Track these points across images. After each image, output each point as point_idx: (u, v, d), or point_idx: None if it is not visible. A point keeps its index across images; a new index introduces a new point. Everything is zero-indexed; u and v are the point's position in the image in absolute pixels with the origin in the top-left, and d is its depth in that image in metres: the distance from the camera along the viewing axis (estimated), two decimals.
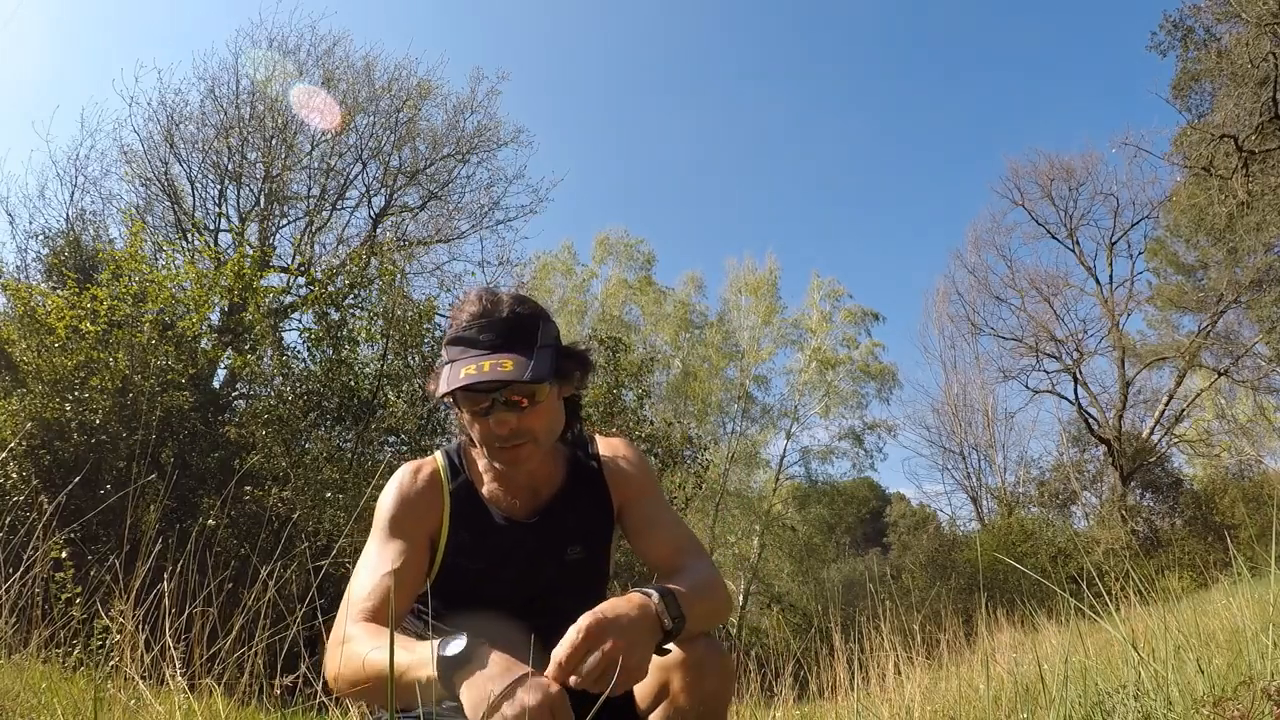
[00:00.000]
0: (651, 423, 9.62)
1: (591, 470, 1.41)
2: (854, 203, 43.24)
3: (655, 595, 1.06)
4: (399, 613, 1.17)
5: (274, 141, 13.22)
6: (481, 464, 1.35)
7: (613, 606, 1.01)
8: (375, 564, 1.22)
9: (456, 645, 0.94)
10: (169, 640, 1.92)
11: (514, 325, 1.23)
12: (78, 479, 4.43)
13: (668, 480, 8.85)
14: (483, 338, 1.21)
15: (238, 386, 10.02)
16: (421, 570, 1.26)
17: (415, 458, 1.46)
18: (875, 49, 41.01)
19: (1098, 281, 21.00)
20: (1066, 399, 20.72)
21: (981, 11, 37.11)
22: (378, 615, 1.14)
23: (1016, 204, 21.75)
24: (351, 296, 9.15)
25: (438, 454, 1.40)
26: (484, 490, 1.35)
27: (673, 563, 1.29)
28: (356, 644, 1.08)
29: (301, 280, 12.43)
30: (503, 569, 1.29)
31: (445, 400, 1.26)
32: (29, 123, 26.42)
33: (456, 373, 1.18)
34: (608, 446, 1.45)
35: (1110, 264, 20.99)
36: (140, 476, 5.70)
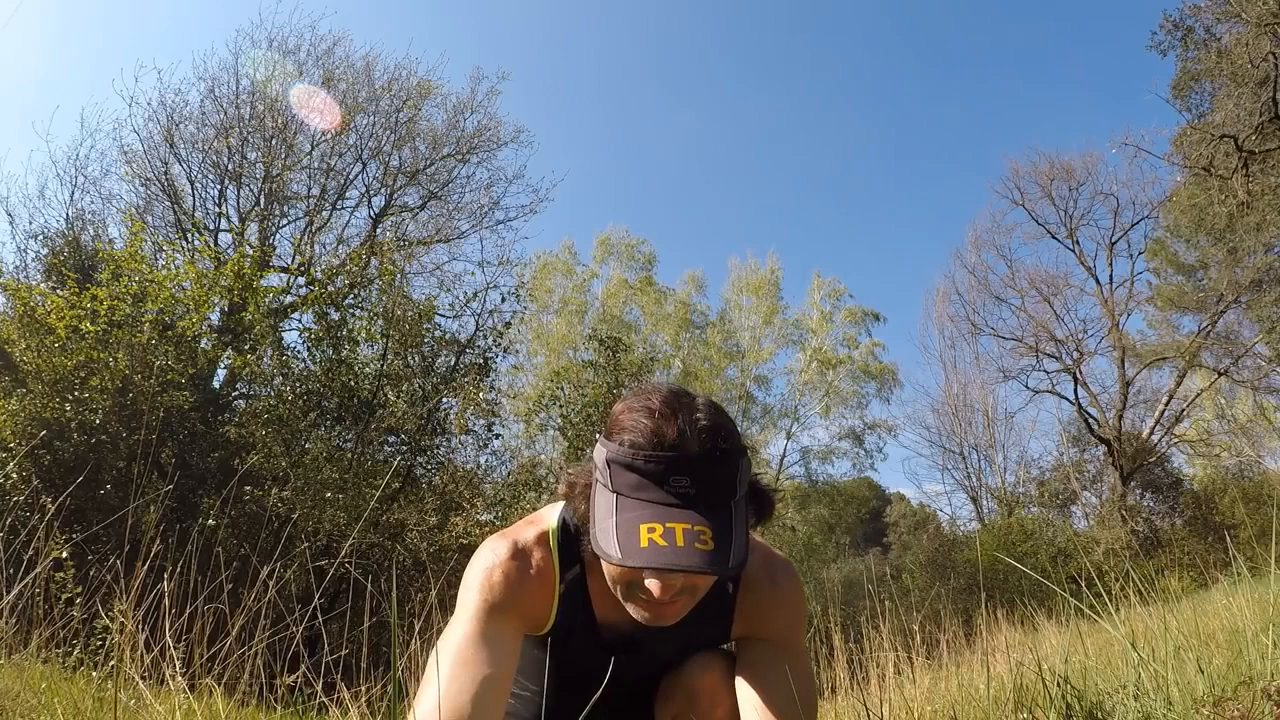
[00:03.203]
0: None
1: (724, 593, 1.17)
2: (855, 203, 43.19)
3: None
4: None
5: (274, 141, 13.21)
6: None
7: None
8: (468, 664, 1.00)
9: None
10: (169, 640, 1.92)
11: (714, 469, 0.94)
12: (79, 479, 4.43)
13: None
14: (674, 483, 0.93)
15: (238, 386, 10.01)
16: (514, 669, 1.06)
17: (415, 458, 1.38)
18: (876, 49, 41.00)
19: (1098, 281, 21.01)
20: (1066, 399, 20.73)
21: (981, 12, 37.10)
22: None
23: (1016, 204, 21.73)
24: (351, 296, 9.15)
25: (552, 525, 1.15)
26: (594, 589, 1.14)
27: None
28: None
29: (301, 280, 12.43)
30: (589, 676, 1.14)
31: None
32: (29, 123, 26.44)
33: (633, 532, 0.90)
34: (760, 571, 1.19)
35: (1110, 264, 21.00)
36: (140, 477, 5.70)
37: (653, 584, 0.94)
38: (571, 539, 1.12)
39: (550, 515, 1.17)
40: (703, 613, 1.12)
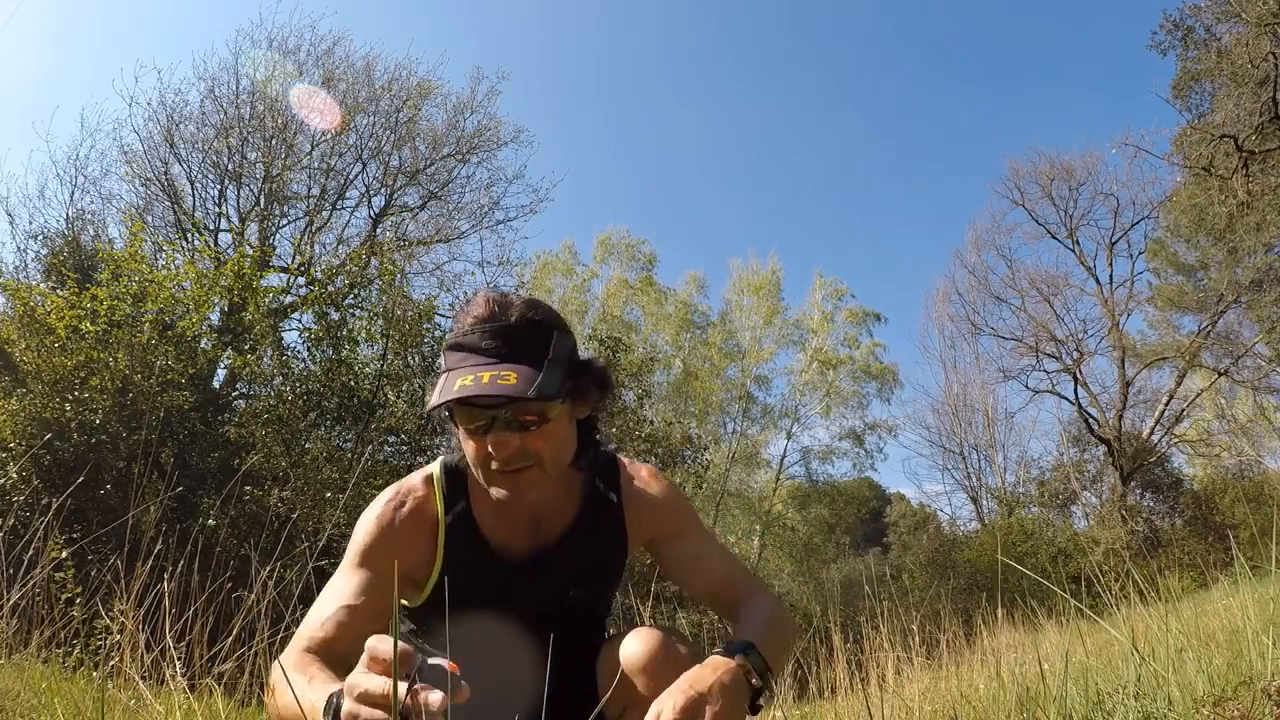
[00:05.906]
0: (651, 423, 9.63)
1: (609, 503, 1.27)
2: (855, 203, 43.22)
3: (738, 654, 1.02)
4: (348, 651, 1.02)
5: (274, 141, 13.21)
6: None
7: (699, 678, 0.97)
8: (334, 596, 1.09)
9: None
10: (169, 640, 1.92)
11: (524, 333, 1.07)
12: (79, 479, 4.43)
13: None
14: (485, 345, 1.05)
15: (238, 386, 10.01)
16: (385, 610, 1.10)
17: (415, 458, 1.40)
18: (876, 49, 41.01)
19: (1098, 281, 21.02)
20: (1066, 399, 20.74)
21: (981, 12, 37.11)
22: (321, 648, 1.03)
23: (1017, 204, 21.75)
24: (351, 296, 9.15)
25: (435, 470, 1.23)
26: (483, 520, 1.21)
27: (728, 597, 1.22)
28: (284, 682, 0.94)
29: (301, 280, 12.43)
30: (494, 608, 1.19)
31: (441, 412, 1.12)
32: (29, 123, 26.45)
33: (451, 383, 1.02)
34: (634, 477, 1.30)
35: (1110, 264, 21.01)
36: (141, 477, 5.70)
37: (494, 444, 1.05)
38: (457, 476, 1.21)
39: (437, 462, 1.26)
40: (595, 527, 1.25)
